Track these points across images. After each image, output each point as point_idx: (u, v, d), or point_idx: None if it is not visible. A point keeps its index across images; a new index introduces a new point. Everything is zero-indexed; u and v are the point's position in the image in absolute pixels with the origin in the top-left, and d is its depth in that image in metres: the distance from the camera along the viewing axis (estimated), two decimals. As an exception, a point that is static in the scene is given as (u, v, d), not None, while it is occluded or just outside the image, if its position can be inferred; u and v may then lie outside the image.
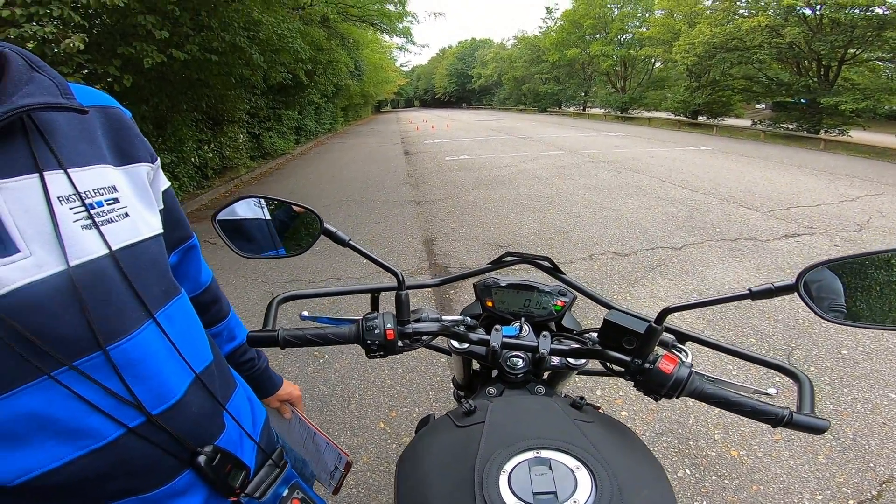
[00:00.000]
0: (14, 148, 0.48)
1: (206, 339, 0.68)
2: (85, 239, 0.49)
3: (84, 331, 0.48)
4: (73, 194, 0.50)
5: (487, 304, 0.91)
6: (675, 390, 0.67)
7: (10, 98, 0.47)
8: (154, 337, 0.55)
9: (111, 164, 0.57)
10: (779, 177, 7.99)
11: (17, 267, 0.44)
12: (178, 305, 0.62)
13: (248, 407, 0.75)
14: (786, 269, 3.84)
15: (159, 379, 0.55)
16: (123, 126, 0.62)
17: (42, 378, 0.45)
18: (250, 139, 10.96)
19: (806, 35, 15.14)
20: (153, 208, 0.63)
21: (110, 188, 0.55)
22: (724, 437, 2.08)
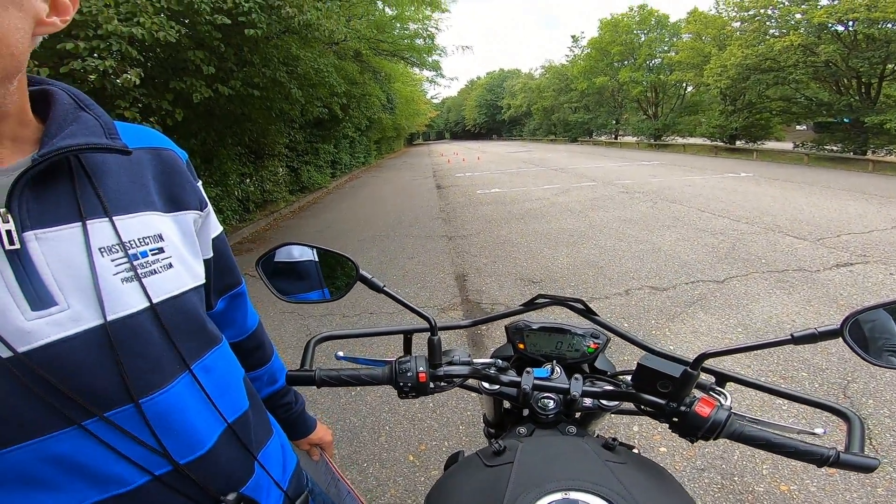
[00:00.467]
0: (58, 193, 0.48)
1: (242, 387, 0.68)
2: (125, 292, 0.49)
3: (117, 385, 0.48)
4: (116, 244, 0.50)
5: (519, 346, 0.91)
6: (712, 433, 0.66)
7: (52, 139, 0.48)
8: (188, 389, 0.55)
9: (159, 210, 0.57)
10: (826, 202, 7.65)
11: (53, 321, 0.44)
12: (217, 355, 0.62)
13: (280, 455, 0.75)
14: (839, 300, 3.64)
15: (190, 430, 0.55)
16: (176, 170, 0.62)
17: (72, 427, 0.46)
18: (289, 173, 11.38)
19: (841, 52, 14.77)
20: (198, 257, 0.63)
21: (156, 237, 0.54)
22: (773, 472, 1.98)
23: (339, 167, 16.50)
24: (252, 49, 5.57)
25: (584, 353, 0.88)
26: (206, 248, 0.67)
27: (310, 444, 0.98)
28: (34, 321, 0.44)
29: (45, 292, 0.45)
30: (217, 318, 0.75)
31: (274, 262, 0.85)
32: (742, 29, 19.13)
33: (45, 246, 0.45)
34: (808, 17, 15.32)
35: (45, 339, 0.44)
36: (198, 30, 4.50)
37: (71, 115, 0.51)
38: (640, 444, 2.20)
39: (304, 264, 0.86)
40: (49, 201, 0.47)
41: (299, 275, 0.86)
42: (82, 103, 0.53)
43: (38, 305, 0.44)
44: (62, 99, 0.52)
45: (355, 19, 7.80)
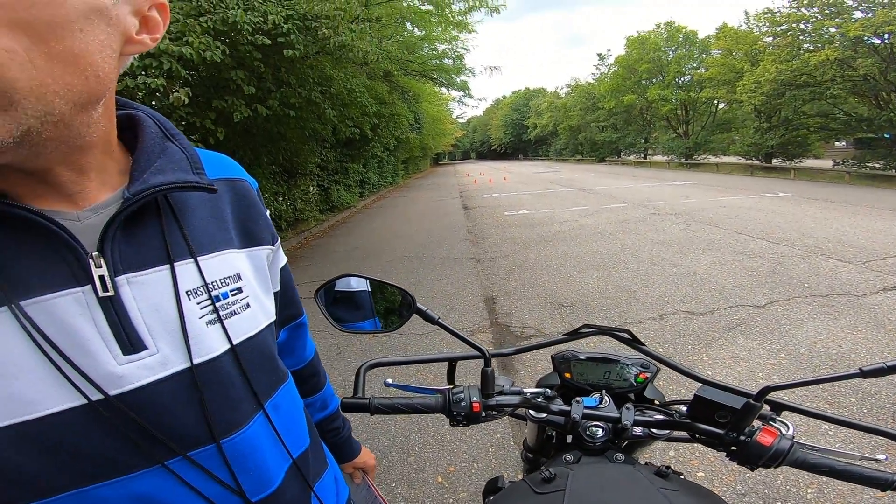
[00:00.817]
0: (147, 233, 0.47)
1: (305, 423, 0.69)
2: (209, 336, 0.50)
3: (201, 425, 0.49)
4: (201, 286, 0.50)
5: (566, 375, 0.91)
6: (773, 461, 0.67)
7: (143, 175, 0.46)
8: (262, 428, 0.56)
9: (237, 247, 0.56)
10: (870, 223, 7.33)
11: (143, 365, 0.45)
12: (284, 392, 0.63)
13: (334, 487, 0.76)
14: (887, 325, 3.47)
15: (262, 468, 0.56)
16: (251, 203, 0.61)
17: (156, 466, 0.46)
18: (320, 192, 11.64)
19: (880, 66, 14.31)
20: (270, 293, 0.62)
21: (235, 276, 0.54)
22: (819, 496, 1.91)
23: (367, 186, 16.79)
24: (289, 69, 5.77)
25: (633, 384, 0.87)
26: (275, 282, 0.67)
27: (354, 467, 0.99)
28: (125, 365, 0.44)
29: (135, 337, 0.45)
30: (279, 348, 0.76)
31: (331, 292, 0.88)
32: (775, 44, 18.78)
33: (136, 290, 0.45)
34: (842, 31, 14.94)
35: (135, 382, 0.44)
36: (239, 50, 4.69)
37: (158, 146, 0.50)
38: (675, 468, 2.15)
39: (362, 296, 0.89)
40: (139, 243, 0.47)
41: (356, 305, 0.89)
42: (168, 132, 0.52)
43: (129, 350, 0.44)
44: (149, 126, 0.51)
45: (385, 40, 8.01)
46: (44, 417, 0.41)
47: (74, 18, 0.36)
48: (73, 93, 0.38)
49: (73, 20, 0.36)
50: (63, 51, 0.36)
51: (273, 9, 4.56)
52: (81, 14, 0.37)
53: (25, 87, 0.34)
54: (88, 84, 0.39)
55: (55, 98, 0.36)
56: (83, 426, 0.42)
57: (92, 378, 0.42)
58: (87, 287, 0.43)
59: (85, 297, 0.43)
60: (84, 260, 0.43)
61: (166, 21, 0.47)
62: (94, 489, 0.44)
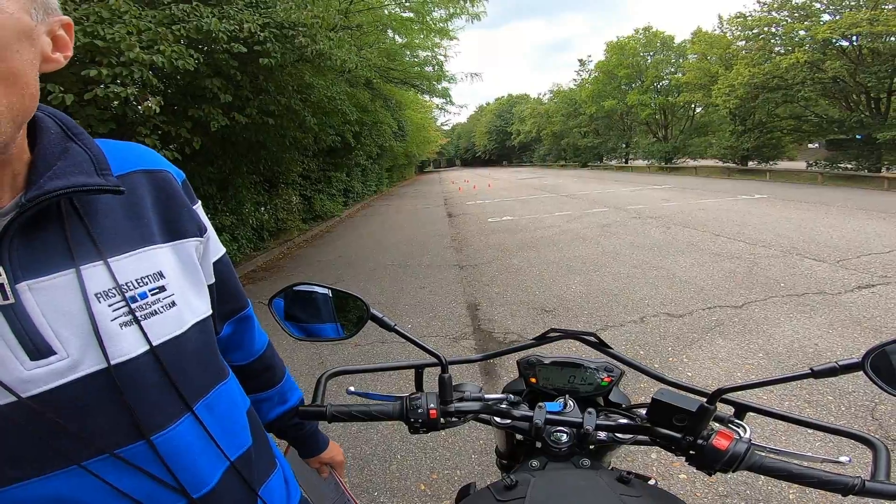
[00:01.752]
0: (47, 238, 0.46)
1: (246, 423, 0.67)
2: (124, 338, 0.48)
3: (126, 423, 0.48)
4: (112, 288, 0.48)
5: (531, 380, 0.91)
6: (730, 465, 0.65)
7: (40, 179, 0.44)
8: (191, 429, 0.54)
9: (159, 242, 0.54)
10: (844, 223, 7.52)
11: (53, 370, 0.44)
12: (221, 392, 0.61)
13: (284, 490, 0.74)
14: (862, 322, 3.55)
15: (194, 468, 0.54)
16: (172, 195, 0.58)
17: (72, 467, 0.45)
18: (302, 201, 11.55)
19: (848, 68, 14.80)
20: (201, 288, 0.60)
21: (156, 275, 0.52)
22: (800, 497, 1.93)
23: (351, 195, 16.73)
24: (267, 77, 5.73)
25: (598, 387, 0.87)
26: (208, 275, 0.65)
27: (321, 462, 0.98)
28: (33, 370, 0.43)
29: (42, 343, 0.44)
30: (223, 342, 0.74)
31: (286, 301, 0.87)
32: (747, 48, 19.27)
33: (39, 296, 0.44)
34: (811, 34, 15.41)
35: (45, 385, 0.44)
36: (215, 58, 4.65)
37: (59, 148, 0.48)
38: (659, 472, 2.17)
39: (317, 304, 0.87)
40: (39, 248, 0.45)
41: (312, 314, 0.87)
42: (70, 131, 0.50)
43: (36, 356, 0.43)
44: (49, 127, 0.49)
45: (366, 48, 8.01)
46: None
47: (11, 40, 0.38)
48: (15, 111, 0.39)
49: (11, 42, 0.38)
50: (4, 71, 0.37)
51: (249, 17, 4.52)
52: (15, 36, 0.38)
53: None
54: (25, 102, 0.40)
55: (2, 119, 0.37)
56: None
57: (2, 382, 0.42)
58: None
59: None
60: None
61: (72, 39, 0.48)
62: (7, 490, 0.44)
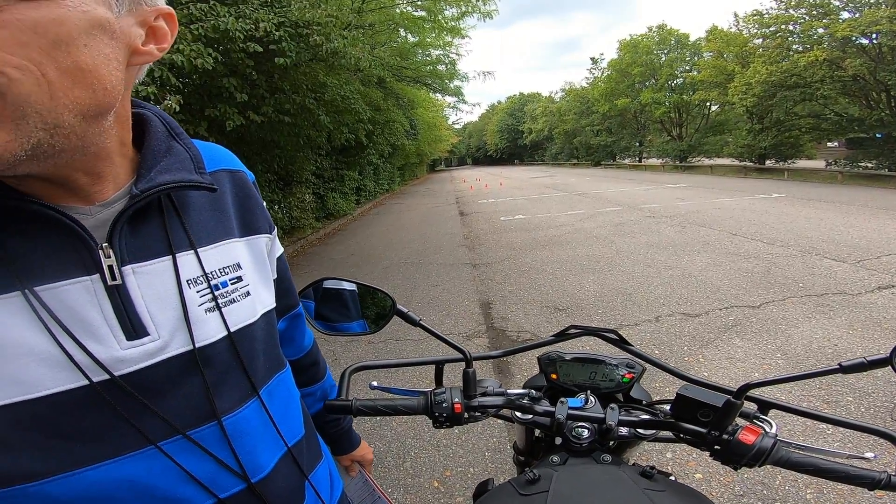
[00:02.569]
0: (150, 227, 0.50)
1: (300, 414, 0.70)
2: (208, 322, 0.52)
3: (203, 404, 0.51)
4: (200, 276, 0.52)
5: (552, 376, 0.91)
6: (756, 460, 0.66)
7: (149, 173, 0.49)
8: (256, 413, 0.57)
9: (237, 236, 0.59)
10: (864, 222, 7.38)
11: (145, 350, 0.47)
12: (280, 380, 0.64)
13: (328, 480, 0.76)
14: (883, 323, 3.49)
15: (255, 452, 0.57)
16: (249, 193, 0.63)
17: (147, 448, 0.47)
18: (316, 199, 11.62)
19: (869, 66, 14.46)
20: (269, 282, 0.64)
21: (235, 266, 0.56)
22: (818, 497, 1.92)
23: (363, 194, 16.80)
24: (282, 76, 5.77)
25: (619, 384, 0.88)
26: (273, 270, 0.69)
27: (351, 459, 1.00)
28: (128, 350, 0.46)
29: (139, 323, 0.47)
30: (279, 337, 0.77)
31: (313, 296, 0.88)
32: (764, 45, 18.96)
33: (140, 279, 0.48)
34: (830, 32, 15.09)
35: (135, 365, 0.46)
36: (231, 57, 4.70)
37: (164, 146, 0.52)
38: (674, 471, 2.16)
39: (343, 298, 0.89)
40: (143, 236, 0.49)
41: (338, 309, 0.89)
42: (174, 132, 0.55)
43: (133, 336, 0.46)
44: (156, 126, 0.53)
45: (379, 47, 8.03)
46: (43, 398, 0.42)
47: (77, 35, 0.37)
48: (81, 105, 0.39)
49: (76, 36, 0.37)
50: (70, 66, 0.37)
51: (265, 16, 4.57)
52: (84, 30, 0.38)
53: (37, 102, 0.35)
54: (96, 96, 0.40)
55: (64, 111, 0.38)
56: (80, 408, 0.44)
57: (98, 359, 0.44)
58: (95, 276, 0.45)
59: (93, 286, 0.45)
60: (94, 251, 0.45)
61: (174, 30, 0.49)
62: (84, 472, 0.44)
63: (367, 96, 9.01)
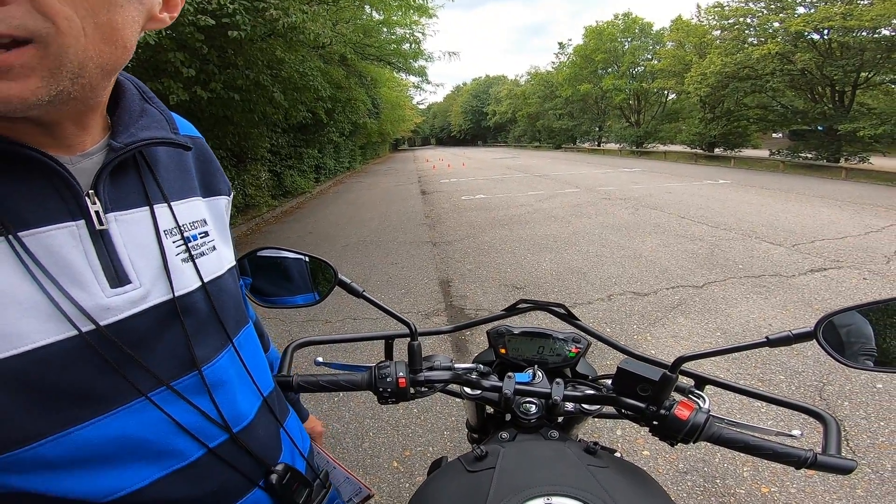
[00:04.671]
0: (128, 180, 0.51)
1: (268, 367, 0.71)
2: (185, 272, 0.53)
3: (183, 354, 0.52)
4: (174, 227, 0.53)
5: (501, 351, 0.91)
6: (691, 436, 0.67)
7: (129, 129, 0.50)
8: (232, 362, 0.58)
9: (201, 195, 0.61)
10: (801, 209, 7.86)
11: (128, 298, 0.47)
12: (247, 333, 0.65)
13: (299, 431, 0.77)
14: (814, 304, 3.74)
15: (235, 402, 0.58)
16: (209, 157, 0.66)
17: (138, 399, 0.47)
18: (272, 177, 11.25)
19: (817, 60, 15.22)
20: (229, 241, 0.66)
21: (202, 221, 0.58)
22: (754, 475, 2.02)
23: (323, 172, 16.39)
24: (236, 51, 5.50)
25: (566, 358, 0.88)
26: None
27: None
28: (112, 298, 0.46)
29: (122, 271, 0.47)
30: None
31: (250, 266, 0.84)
32: (722, 37, 19.55)
33: (122, 227, 0.48)
34: (785, 26, 15.72)
35: (121, 314, 0.46)
36: (179, 31, 4.43)
37: (138, 107, 0.53)
38: (623, 448, 2.22)
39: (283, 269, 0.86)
40: (122, 187, 0.50)
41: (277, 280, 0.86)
42: (146, 95, 0.56)
43: (116, 283, 0.46)
44: (130, 90, 0.54)
45: (342, 23, 7.75)
46: (29, 352, 0.40)
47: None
48: (105, 60, 0.41)
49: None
50: (106, 22, 0.39)
51: (218, -14, 4.32)
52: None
53: (73, 53, 0.37)
54: (117, 53, 0.42)
55: (90, 64, 0.39)
56: (68, 361, 0.43)
57: (84, 308, 0.43)
58: (80, 221, 0.45)
59: (79, 231, 0.45)
60: (81, 197, 0.45)
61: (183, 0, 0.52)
62: (77, 431, 0.44)
63: (328, 74, 8.72)
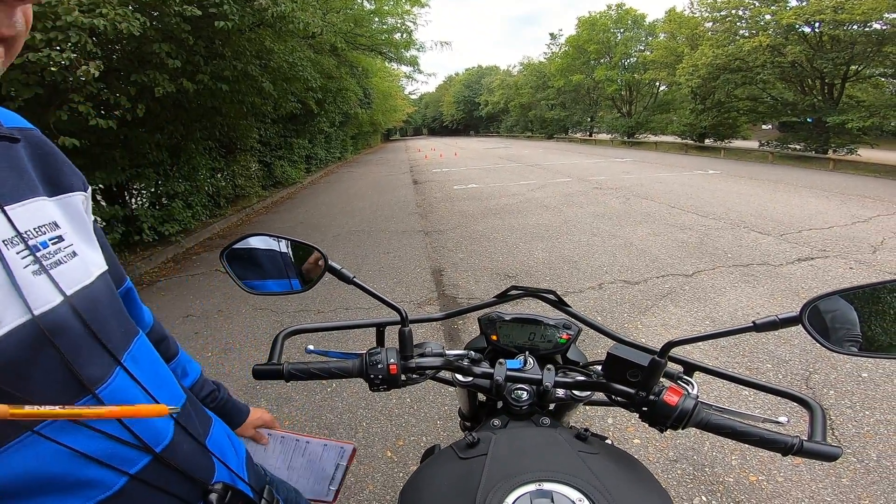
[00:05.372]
0: None
1: (173, 378, 0.65)
2: (39, 287, 0.44)
3: (67, 378, 0.44)
4: (14, 236, 0.44)
5: (492, 337, 0.90)
6: (680, 422, 0.67)
7: None
8: (126, 382, 0.52)
9: (46, 195, 0.51)
10: (789, 199, 7.94)
11: None
12: (140, 345, 0.58)
13: (228, 443, 0.73)
14: (800, 293, 3.79)
15: (147, 422, 0.52)
16: (49, 151, 0.55)
17: (25, 435, 0.41)
18: (262, 168, 11.15)
19: (807, 53, 15.28)
20: (93, 242, 0.57)
21: (52, 225, 0.49)
22: (742, 463, 2.03)
23: (314, 162, 16.26)
24: (224, 42, 5.41)
25: (557, 344, 0.88)
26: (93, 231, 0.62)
27: (253, 427, 0.96)
28: None
29: None
30: None
31: (240, 254, 0.83)
32: (714, 29, 19.56)
33: None
34: (777, 18, 15.76)
35: None
36: (165, 21, 4.35)
37: None
38: (614, 436, 2.24)
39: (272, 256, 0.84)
40: None
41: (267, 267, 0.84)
42: None
43: None
44: None
45: (332, 13, 7.65)
46: None
47: None
48: None
49: None
50: None
51: (204, -25, 4.24)
52: None
53: None
54: None
55: None
56: None
57: None
58: None
59: None
60: None
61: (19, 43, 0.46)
62: None
63: (318, 64, 8.61)
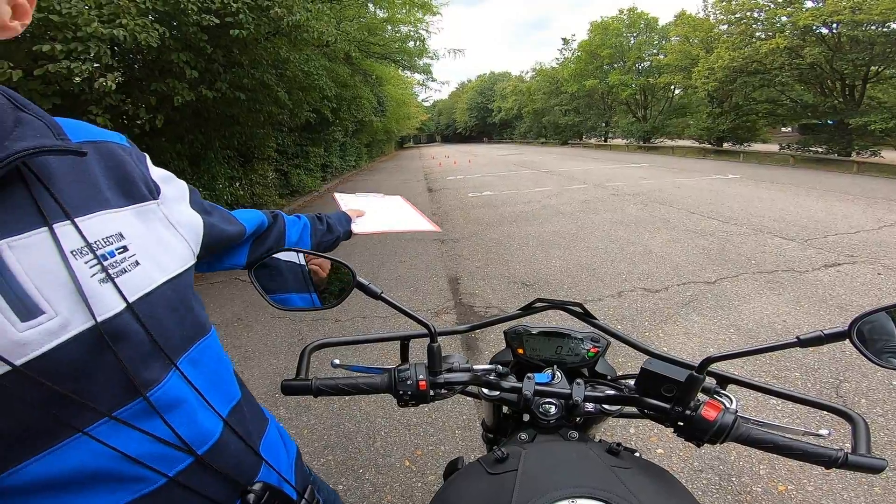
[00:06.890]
0: (16, 200, 0.45)
1: (233, 377, 0.68)
2: (104, 294, 0.48)
3: (121, 381, 0.48)
4: (84, 247, 0.48)
5: (518, 351, 0.89)
6: (718, 437, 0.65)
7: (3, 143, 0.44)
8: (180, 385, 0.55)
9: (114, 206, 0.54)
10: (813, 203, 7.76)
11: (45, 329, 0.43)
12: (202, 347, 0.61)
13: (281, 443, 0.74)
14: (828, 300, 3.68)
15: (196, 421, 0.55)
16: (122, 161, 0.58)
17: (75, 436, 0.45)
18: (279, 176, 11.31)
19: (826, 55, 15.01)
20: (168, 246, 0.59)
21: (117, 235, 0.52)
22: (770, 472, 1.99)
23: (329, 170, 16.44)
24: (241, 50, 5.51)
25: (584, 358, 0.86)
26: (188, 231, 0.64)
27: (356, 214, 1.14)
28: (25, 332, 0.42)
29: (29, 301, 0.43)
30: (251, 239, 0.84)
31: (268, 268, 0.83)
32: (729, 32, 19.36)
33: (18, 254, 0.43)
34: (793, 20, 15.53)
35: (40, 348, 0.42)
36: (183, 31, 4.43)
37: (11, 118, 0.47)
38: (637, 446, 2.21)
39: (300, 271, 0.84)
40: (10, 209, 0.44)
41: (294, 282, 0.84)
42: (17, 102, 0.50)
43: (26, 316, 0.42)
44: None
45: (346, 21, 7.74)
46: None
47: None
48: None
49: None
50: None
51: (221, -14, 4.33)
52: None
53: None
54: None
55: None
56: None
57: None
58: None
59: None
60: None
61: (33, 5, 0.49)
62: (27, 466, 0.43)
63: (333, 72, 8.72)
